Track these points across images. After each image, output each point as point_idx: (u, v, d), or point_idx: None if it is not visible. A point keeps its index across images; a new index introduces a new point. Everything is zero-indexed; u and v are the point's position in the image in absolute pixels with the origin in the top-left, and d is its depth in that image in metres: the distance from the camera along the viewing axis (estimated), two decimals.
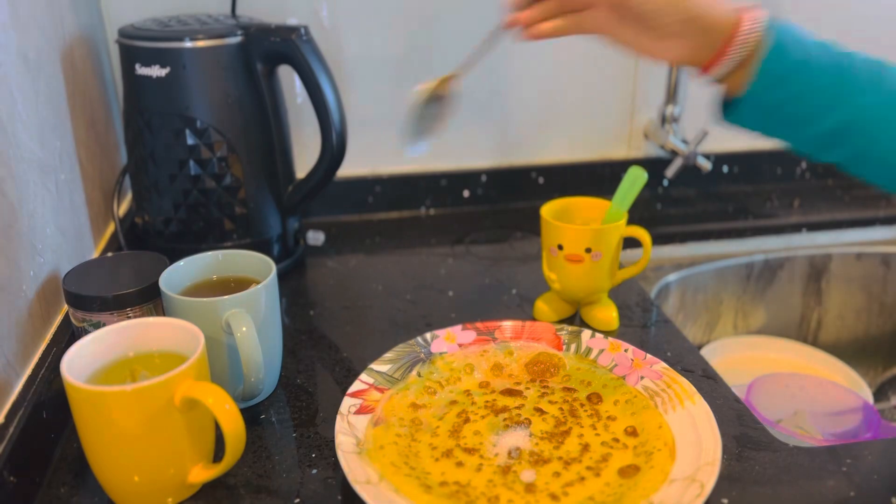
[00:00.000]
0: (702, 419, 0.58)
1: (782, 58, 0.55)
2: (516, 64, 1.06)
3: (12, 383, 0.59)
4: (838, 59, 0.55)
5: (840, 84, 0.55)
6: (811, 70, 0.55)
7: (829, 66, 0.55)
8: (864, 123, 0.55)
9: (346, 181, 1.05)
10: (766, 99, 0.56)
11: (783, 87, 0.55)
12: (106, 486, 0.54)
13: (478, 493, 0.53)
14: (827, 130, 0.56)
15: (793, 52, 0.55)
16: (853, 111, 0.55)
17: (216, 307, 0.60)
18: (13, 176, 0.62)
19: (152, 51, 0.78)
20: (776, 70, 0.55)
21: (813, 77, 0.55)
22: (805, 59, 0.55)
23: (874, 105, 0.54)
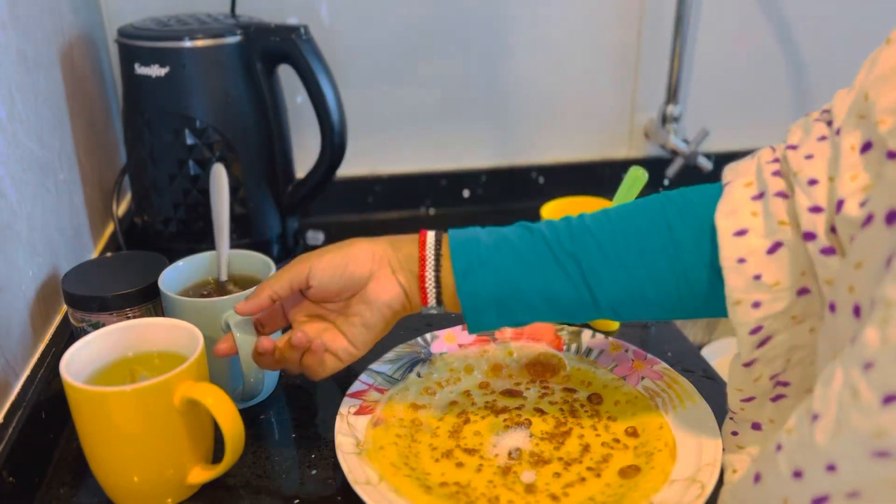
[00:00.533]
0: (702, 420, 0.58)
1: (471, 246, 0.54)
2: (517, 64, 1.06)
3: (11, 383, 0.59)
4: (529, 230, 0.54)
5: (544, 252, 0.53)
6: (508, 250, 0.53)
7: (522, 237, 0.54)
8: (593, 284, 0.53)
9: (346, 181, 1.05)
10: (476, 288, 0.54)
11: (483, 270, 0.53)
12: (105, 487, 0.54)
13: (478, 493, 0.53)
14: (552, 297, 0.53)
15: (480, 241, 0.54)
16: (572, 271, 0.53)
17: (215, 307, 0.60)
18: (12, 176, 0.62)
19: (152, 50, 0.77)
20: (470, 258, 0.54)
21: (512, 255, 0.53)
22: (497, 243, 0.54)
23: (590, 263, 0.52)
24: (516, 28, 1.04)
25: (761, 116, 1.16)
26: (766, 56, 1.12)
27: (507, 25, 1.04)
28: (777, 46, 1.12)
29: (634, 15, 1.06)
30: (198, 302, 0.60)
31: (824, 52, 1.13)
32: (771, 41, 1.11)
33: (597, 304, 0.53)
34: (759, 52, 1.12)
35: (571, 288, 0.53)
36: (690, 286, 0.51)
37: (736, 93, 1.13)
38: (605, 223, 0.54)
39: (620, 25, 1.06)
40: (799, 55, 1.13)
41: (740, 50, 1.11)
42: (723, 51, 1.10)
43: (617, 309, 0.53)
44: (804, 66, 1.14)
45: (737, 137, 1.16)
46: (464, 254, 0.54)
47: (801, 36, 1.12)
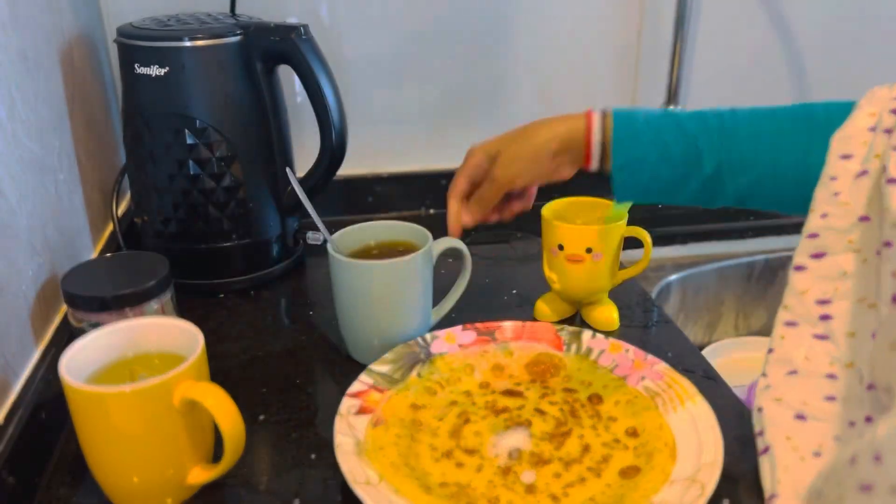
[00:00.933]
0: (703, 420, 0.58)
1: (629, 130, 0.64)
2: (517, 63, 1.06)
3: (11, 384, 0.58)
4: (681, 129, 0.64)
5: (689, 152, 0.63)
6: (661, 146, 0.63)
7: (676, 139, 0.63)
8: (721, 176, 0.62)
9: (346, 181, 1.05)
10: (634, 179, 0.65)
11: (640, 167, 0.64)
12: (105, 487, 0.54)
13: (478, 493, 0.53)
14: (694, 191, 0.64)
15: (637, 124, 0.65)
16: (707, 170, 0.62)
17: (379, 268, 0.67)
18: (12, 176, 0.62)
19: (151, 50, 0.77)
20: (626, 155, 0.64)
21: (664, 153, 0.63)
22: (653, 138, 0.64)
23: (724, 159, 0.62)
24: (516, 28, 1.04)
25: None
26: (767, 56, 1.12)
27: (507, 25, 1.04)
28: (777, 46, 1.12)
29: (635, 15, 1.06)
30: (361, 264, 0.68)
31: (825, 52, 1.13)
32: (771, 41, 1.11)
33: (725, 196, 0.63)
34: (760, 52, 1.12)
35: (703, 185, 0.63)
36: (801, 188, 0.58)
37: (736, 93, 1.13)
38: (755, 120, 0.64)
39: (621, 25, 1.06)
40: (799, 55, 1.13)
41: (740, 50, 1.11)
42: (723, 51, 1.10)
43: (740, 192, 0.62)
44: (804, 66, 1.14)
45: None
46: (623, 150, 0.65)
47: (801, 36, 1.11)
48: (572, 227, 0.72)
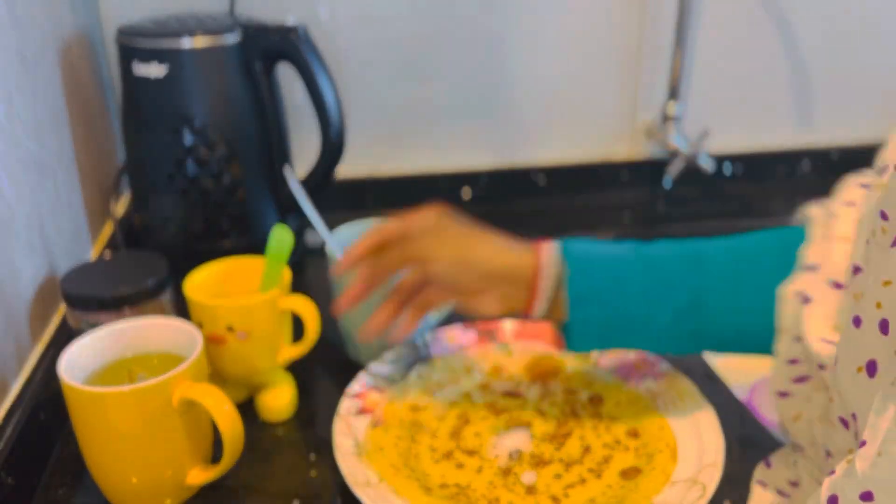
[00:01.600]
0: (704, 420, 0.58)
1: (588, 272, 0.55)
2: (517, 64, 1.06)
3: (10, 384, 0.58)
4: (644, 255, 0.56)
5: (655, 279, 0.54)
6: (619, 278, 0.55)
7: (639, 264, 0.55)
8: (697, 310, 0.54)
9: (346, 181, 1.05)
10: (589, 315, 0.55)
11: (598, 300, 0.55)
12: (104, 488, 0.54)
13: (478, 494, 0.53)
14: (662, 328, 0.55)
15: (596, 264, 0.55)
16: (680, 301, 0.54)
17: None
18: (11, 175, 0.62)
19: (150, 50, 0.77)
20: (585, 286, 0.55)
21: (625, 280, 0.55)
22: (612, 265, 0.55)
23: (700, 289, 0.54)
24: (516, 28, 1.04)
25: (762, 116, 1.16)
26: (768, 56, 1.12)
27: (508, 25, 1.03)
28: (778, 46, 1.12)
29: (635, 15, 1.06)
30: None
31: (825, 52, 1.13)
32: (772, 41, 1.11)
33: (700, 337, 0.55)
34: (761, 52, 1.12)
35: (677, 322, 0.54)
36: None
37: (737, 93, 1.13)
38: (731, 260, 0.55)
39: (621, 25, 1.06)
40: (800, 55, 1.12)
41: (742, 50, 1.11)
42: (724, 51, 1.10)
43: (722, 342, 0.55)
44: (805, 67, 1.13)
45: (738, 137, 1.15)
46: (579, 282, 0.55)
47: (802, 36, 1.11)
48: (206, 304, 0.60)
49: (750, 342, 0.54)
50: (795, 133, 1.18)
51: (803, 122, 1.17)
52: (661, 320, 0.54)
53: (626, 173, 1.14)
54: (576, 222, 1.04)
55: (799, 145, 1.18)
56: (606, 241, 0.57)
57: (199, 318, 0.60)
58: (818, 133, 1.18)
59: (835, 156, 1.19)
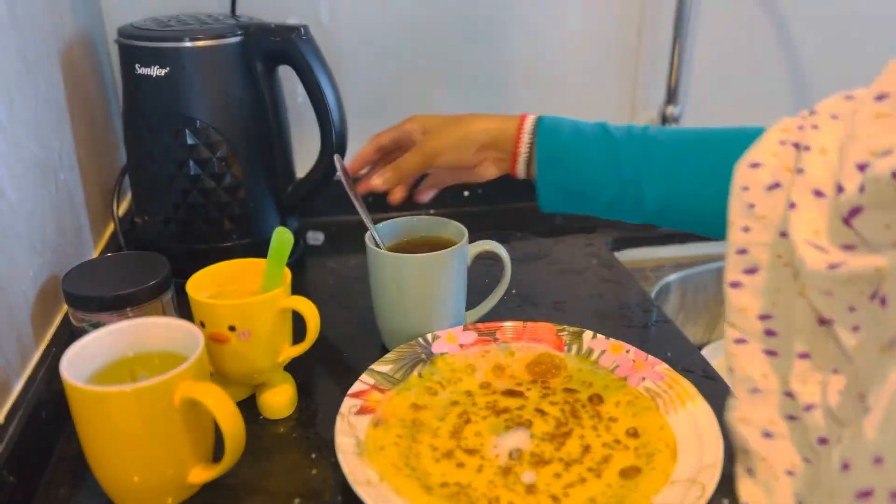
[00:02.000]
0: (704, 420, 0.58)
1: (554, 139, 0.66)
2: (516, 64, 1.06)
3: (12, 383, 0.58)
4: (605, 133, 0.65)
5: (609, 153, 0.64)
6: (582, 144, 0.65)
7: (598, 140, 0.65)
8: (639, 183, 0.63)
9: None
10: (553, 177, 0.66)
11: (561, 164, 0.65)
12: (105, 487, 0.54)
13: (478, 494, 0.53)
14: (612, 197, 0.65)
15: (563, 134, 0.66)
16: (627, 174, 0.63)
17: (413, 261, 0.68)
18: (13, 176, 0.62)
19: (152, 50, 0.77)
20: (551, 150, 0.66)
21: (584, 152, 0.65)
22: (576, 139, 0.65)
23: (644, 165, 0.63)
24: (516, 28, 1.04)
25: (761, 117, 1.15)
26: (766, 56, 1.12)
27: (508, 25, 1.04)
28: (777, 46, 1.12)
29: (634, 15, 1.06)
30: (398, 256, 0.69)
31: (824, 52, 1.13)
32: (771, 41, 1.11)
33: (644, 206, 0.64)
34: (759, 53, 1.12)
35: (623, 190, 0.64)
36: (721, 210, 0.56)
37: (736, 93, 1.13)
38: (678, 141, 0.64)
39: (620, 26, 1.06)
40: (799, 55, 1.13)
41: (740, 50, 1.11)
42: (723, 51, 1.10)
43: (659, 203, 0.63)
44: (804, 67, 1.14)
45: None
46: (546, 147, 0.66)
47: (801, 36, 1.12)
48: (209, 303, 0.60)
49: (689, 221, 0.63)
50: None
51: None
52: (610, 189, 0.64)
53: None
54: (575, 222, 1.05)
55: None
56: (581, 121, 0.67)
57: (200, 318, 0.60)
58: None
59: None
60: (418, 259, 0.68)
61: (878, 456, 0.32)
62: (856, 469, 0.34)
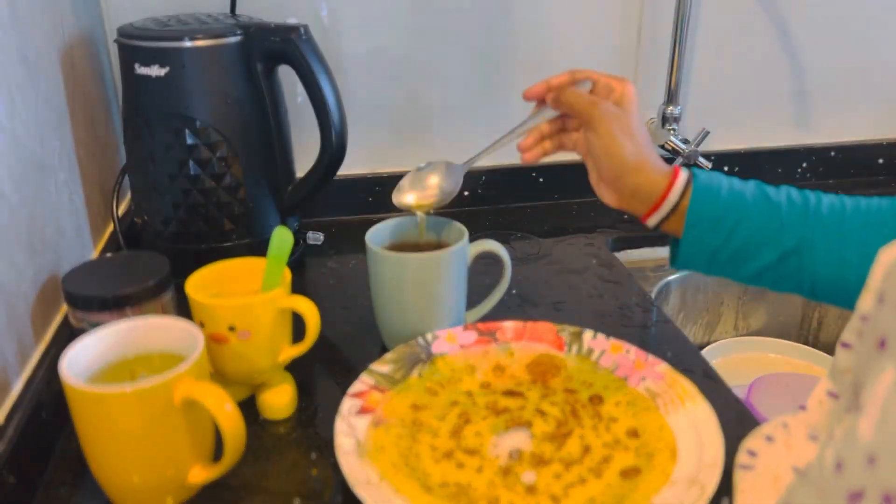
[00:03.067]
0: (704, 420, 0.58)
1: (711, 201, 0.61)
2: (516, 64, 1.06)
3: (11, 384, 0.58)
4: (765, 197, 0.61)
5: (771, 220, 0.60)
6: (742, 210, 0.60)
7: (759, 204, 0.60)
8: (800, 254, 0.59)
9: (346, 181, 1.05)
10: (703, 240, 0.62)
11: (715, 227, 0.61)
12: (105, 487, 0.54)
13: (478, 494, 0.53)
14: (766, 265, 0.60)
15: (720, 196, 0.61)
16: (788, 244, 0.59)
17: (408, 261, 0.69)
18: (12, 176, 0.62)
19: (152, 50, 0.77)
20: (706, 212, 0.61)
21: (744, 217, 0.60)
22: (734, 201, 0.61)
23: (807, 237, 0.59)
24: (516, 28, 1.04)
25: (761, 116, 1.16)
26: (766, 56, 1.12)
27: (507, 26, 1.04)
28: (777, 47, 1.12)
29: (634, 15, 1.06)
30: (395, 256, 0.68)
31: (824, 52, 1.13)
32: (771, 41, 1.11)
33: (801, 278, 0.60)
34: (759, 53, 1.12)
35: (783, 260, 0.59)
36: None
37: (736, 93, 1.13)
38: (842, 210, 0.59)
39: (620, 26, 1.06)
40: (798, 56, 1.13)
41: (740, 50, 1.11)
42: (723, 51, 1.10)
43: (821, 287, 0.59)
44: (804, 67, 1.14)
45: (737, 137, 1.16)
46: (700, 209, 0.61)
47: (800, 36, 1.11)
48: (208, 303, 0.60)
49: (845, 297, 0.57)
50: (794, 133, 1.18)
51: (801, 122, 1.18)
52: (767, 258, 0.60)
53: None
54: (575, 222, 1.05)
55: (797, 145, 1.18)
56: (735, 179, 0.63)
57: (200, 318, 0.60)
58: (816, 132, 1.18)
59: (833, 155, 1.20)
60: (418, 259, 0.69)
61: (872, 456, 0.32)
62: (848, 469, 0.34)
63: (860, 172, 1.21)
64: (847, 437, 0.34)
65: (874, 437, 0.32)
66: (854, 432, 0.33)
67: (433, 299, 0.70)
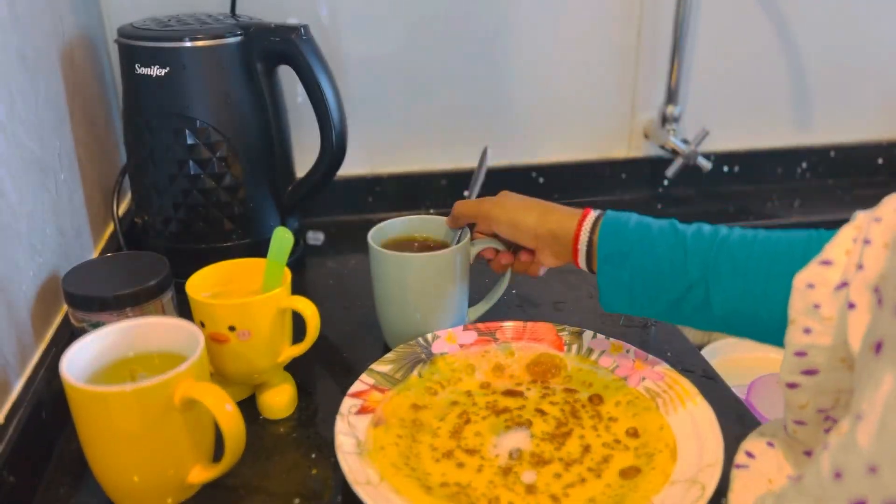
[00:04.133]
0: (704, 420, 0.58)
1: (616, 236, 0.61)
2: (517, 64, 1.06)
3: (12, 383, 0.58)
4: (672, 229, 0.60)
5: (675, 250, 0.59)
6: (647, 241, 0.60)
7: (664, 235, 0.60)
8: (706, 284, 0.57)
9: (346, 181, 1.05)
10: (615, 275, 0.61)
11: (624, 261, 0.61)
12: (105, 487, 0.54)
13: (478, 494, 0.53)
14: (676, 298, 0.59)
15: (626, 230, 0.61)
16: (694, 274, 0.58)
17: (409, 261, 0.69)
18: (13, 176, 0.62)
19: (152, 50, 0.77)
20: (613, 246, 0.61)
21: (648, 248, 0.60)
22: (640, 234, 0.61)
23: (710, 266, 0.57)
24: (516, 28, 1.04)
25: (761, 116, 1.16)
26: (766, 56, 1.12)
27: (508, 25, 1.04)
28: (777, 47, 1.12)
29: (634, 15, 1.06)
30: (395, 255, 0.68)
31: (823, 52, 1.13)
32: (771, 41, 1.12)
33: (710, 310, 0.58)
34: (759, 53, 1.12)
35: (689, 291, 0.58)
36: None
37: (736, 93, 1.14)
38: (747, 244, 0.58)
39: (621, 26, 1.06)
40: (798, 56, 1.13)
41: (740, 50, 1.11)
42: (723, 51, 1.10)
43: (726, 307, 0.57)
44: (804, 67, 1.14)
45: (736, 137, 1.16)
46: (608, 243, 0.62)
47: (800, 36, 1.12)
48: (208, 303, 0.60)
49: (757, 329, 0.56)
50: (793, 133, 1.18)
51: (801, 122, 1.18)
52: (675, 290, 0.59)
53: (625, 173, 1.15)
54: None
55: (797, 145, 1.18)
56: (646, 217, 0.63)
57: (200, 318, 0.60)
58: (816, 133, 1.19)
59: (833, 155, 1.20)
60: (421, 259, 0.69)
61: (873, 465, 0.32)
62: (848, 477, 0.34)
63: (860, 172, 1.21)
64: (845, 445, 0.34)
65: (874, 446, 0.32)
66: (853, 440, 0.33)
67: (435, 298, 0.70)
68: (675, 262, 0.59)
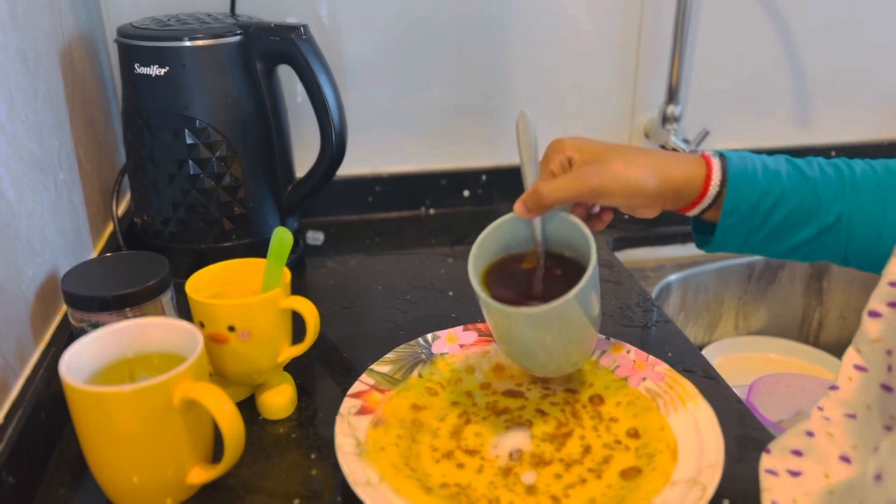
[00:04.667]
0: (704, 421, 0.58)
1: (748, 189, 0.60)
2: (516, 63, 1.06)
3: (11, 384, 0.58)
4: (801, 176, 0.60)
5: (809, 199, 0.59)
6: (779, 192, 0.59)
7: (795, 184, 0.59)
8: (839, 229, 0.59)
9: (346, 181, 1.05)
10: (740, 225, 0.61)
11: (752, 213, 0.60)
12: (105, 487, 0.54)
13: (479, 494, 0.53)
14: (803, 241, 0.60)
15: (756, 182, 0.60)
16: (827, 221, 0.59)
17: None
18: (12, 175, 0.62)
19: (151, 50, 0.77)
20: (744, 200, 0.60)
21: (781, 199, 0.59)
22: (771, 185, 0.60)
23: (845, 212, 0.58)
24: (516, 27, 1.04)
25: (761, 116, 1.16)
26: (767, 56, 1.12)
27: (507, 25, 1.03)
28: (777, 47, 1.12)
29: (635, 15, 1.06)
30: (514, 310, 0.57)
31: (824, 52, 1.13)
32: (771, 42, 1.11)
33: (839, 251, 0.59)
34: (760, 53, 1.12)
35: (820, 237, 0.59)
36: None
37: (736, 93, 1.13)
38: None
39: (621, 25, 1.06)
40: (799, 56, 1.13)
41: (741, 50, 1.11)
42: (723, 51, 1.10)
43: (855, 249, 0.59)
44: (804, 67, 1.14)
45: (737, 137, 1.16)
46: (737, 196, 0.60)
47: (800, 36, 1.11)
48: (208, 303, 0.60)
49: (878, 263, 0.56)
50: (794, 133, 1.18)
51: (802, 122, 1.18)
52: (805, 234, 0.60)
53: None
54: None
55: (797, 145, 1.18)
56: (767, 159, 0.61)
57: (200, 318, 0.60)
58: (816, 133, 1.18)
59: (833, 155, 1.20)
60: (570, 302, 0.55)
61: None
62: (889, 481, 0.33)
63: None
64: (892, 450, 0.34)
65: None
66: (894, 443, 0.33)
67: (569, 345, 0.60)
68: (808, 212, 0.59)
